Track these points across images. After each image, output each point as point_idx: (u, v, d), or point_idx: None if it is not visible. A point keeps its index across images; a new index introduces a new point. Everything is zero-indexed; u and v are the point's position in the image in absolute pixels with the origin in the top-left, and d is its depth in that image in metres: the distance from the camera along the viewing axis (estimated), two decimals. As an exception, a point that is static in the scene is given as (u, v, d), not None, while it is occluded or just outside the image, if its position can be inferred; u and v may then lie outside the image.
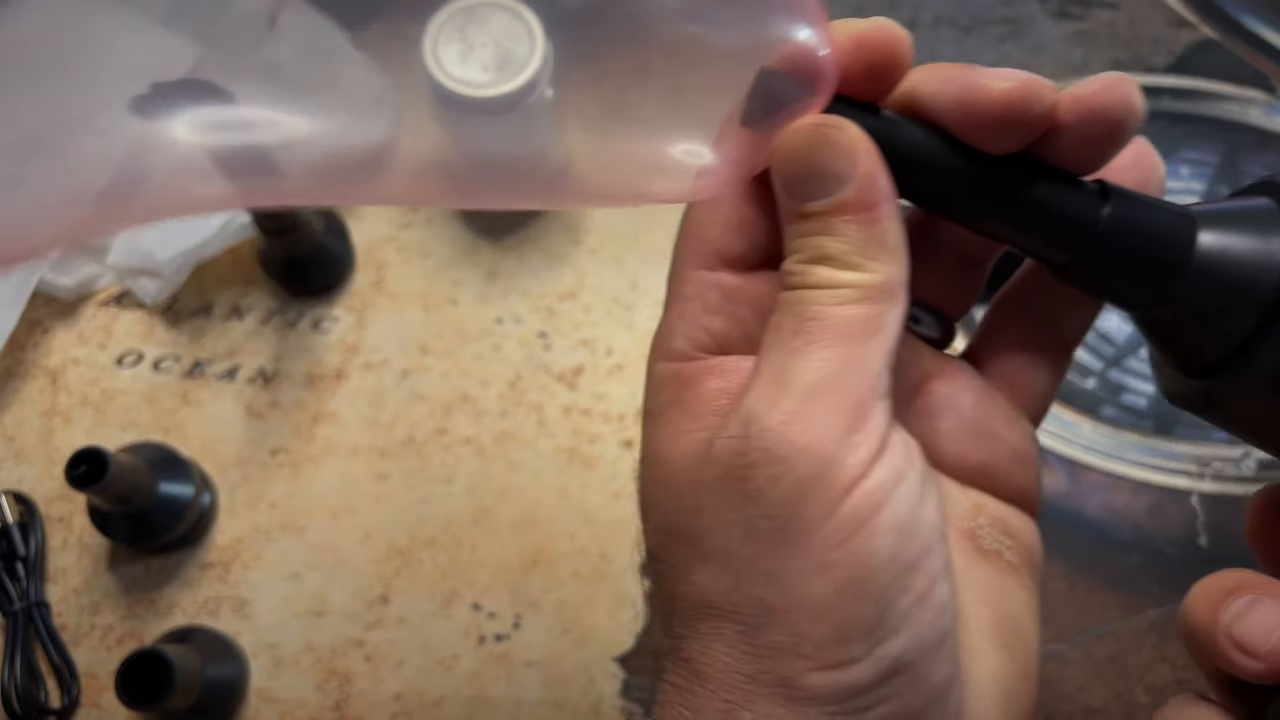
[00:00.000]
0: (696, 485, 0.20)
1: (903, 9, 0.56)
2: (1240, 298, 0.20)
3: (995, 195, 0.20)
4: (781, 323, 0.20)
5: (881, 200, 0.20)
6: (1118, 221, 0.20)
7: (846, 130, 0.20)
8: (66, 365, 0.49)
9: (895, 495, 0.19)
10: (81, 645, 0.44)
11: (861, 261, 0.20)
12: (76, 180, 0.49)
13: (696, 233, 0.23)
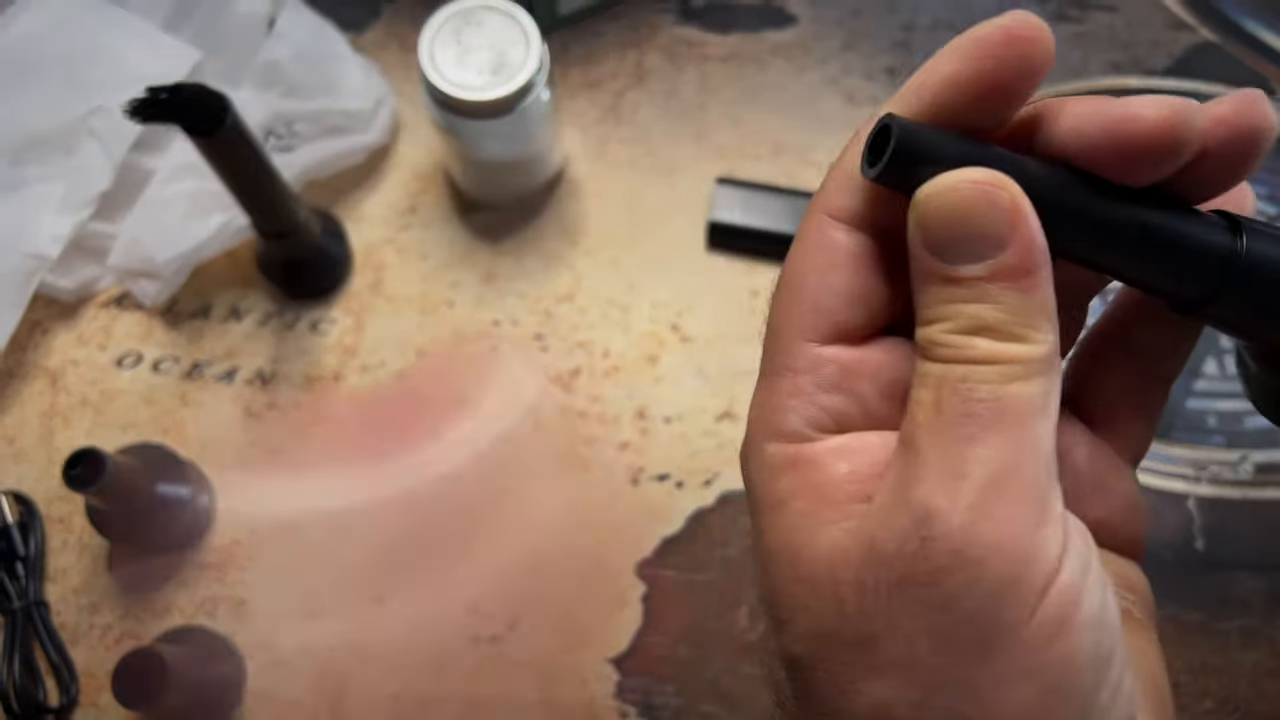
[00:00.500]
0: (861, 588, 0.18)
1: (900, 11, 0.56)
2: None
3: (1133, 232, 0.19)
4: (941, 403, 0.18)
5: (1041, 264, 0.18)
6: (1256, 252, 0.19)
7: (1009, 189, 0.18)
8: (66, 366, 0.49)
9: (1087, 587, 0.18)
10: (80, 644, 0.45)
11: (1024, 332, 0.18)
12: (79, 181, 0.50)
13: (811, 301, 0.20)
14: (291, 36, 0.50)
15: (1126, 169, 0.19)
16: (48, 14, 0.49)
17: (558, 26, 0.55)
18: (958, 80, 0.19)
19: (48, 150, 0.48)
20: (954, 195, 0.18)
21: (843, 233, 0.20)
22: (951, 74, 0.19)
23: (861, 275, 0.20)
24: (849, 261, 0.20)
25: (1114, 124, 0.18)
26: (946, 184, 0.18)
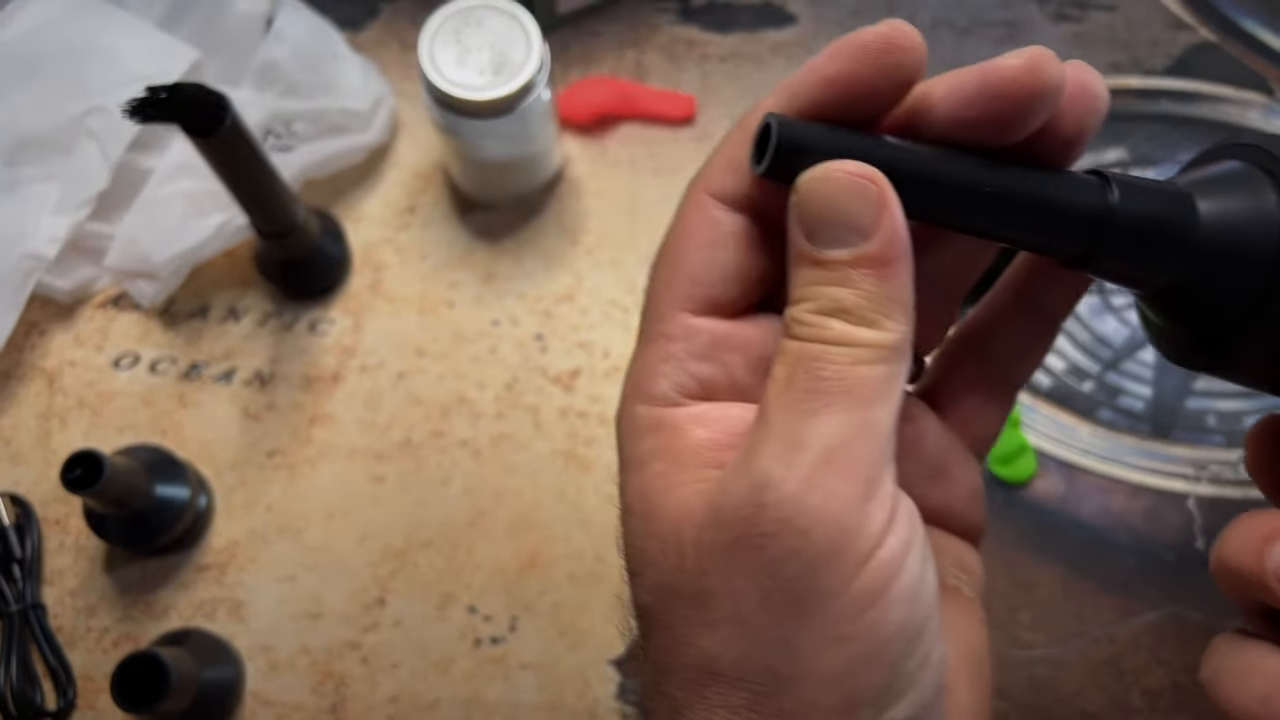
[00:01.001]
0: (700, 546, 0.20)
1: (900, 10, 0.56)
2: (1247, 259, 0.21)
3: (1017, 198, 0.20)
4: (792, 379, 0.20)
5: (901, 255, 0.19)
6: (1127, 205, 0.20)
7: (878, 182, 0.19)
8: (63, 367, 0.49)
9: (906, 564, 0.19)
10: (77, 647, 0.44)
11: (877, 318, 0.19)
12: (76, 181, 0.49)
13: (689, 274, 0.21)
14: (290, 36, 0.50)
15: (997, 123, 0.20)
16: (45, 13, 0.49)
17: (557, 26, 0.55)
18: (834, 81, 0.20)
19: (44, 150, 0.48)
20: (827, 184, 0.19)
21: (723, 212, 0.21)
22: (828, 75, 0.20)
23: (738, 253, 0.21)
24: (727, 239, 0.21)
25: (982, 73, 0.19)
26: (822, 173, 0.19)
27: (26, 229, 0.46)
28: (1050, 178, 0.21)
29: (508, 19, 0.44)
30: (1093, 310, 0.50)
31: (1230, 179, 0.22)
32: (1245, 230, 0.21)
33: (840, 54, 0.20)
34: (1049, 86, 0.19)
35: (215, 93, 0.37)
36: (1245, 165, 0.22)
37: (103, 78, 0.48)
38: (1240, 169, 0.22)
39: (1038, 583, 0.46)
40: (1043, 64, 0.19)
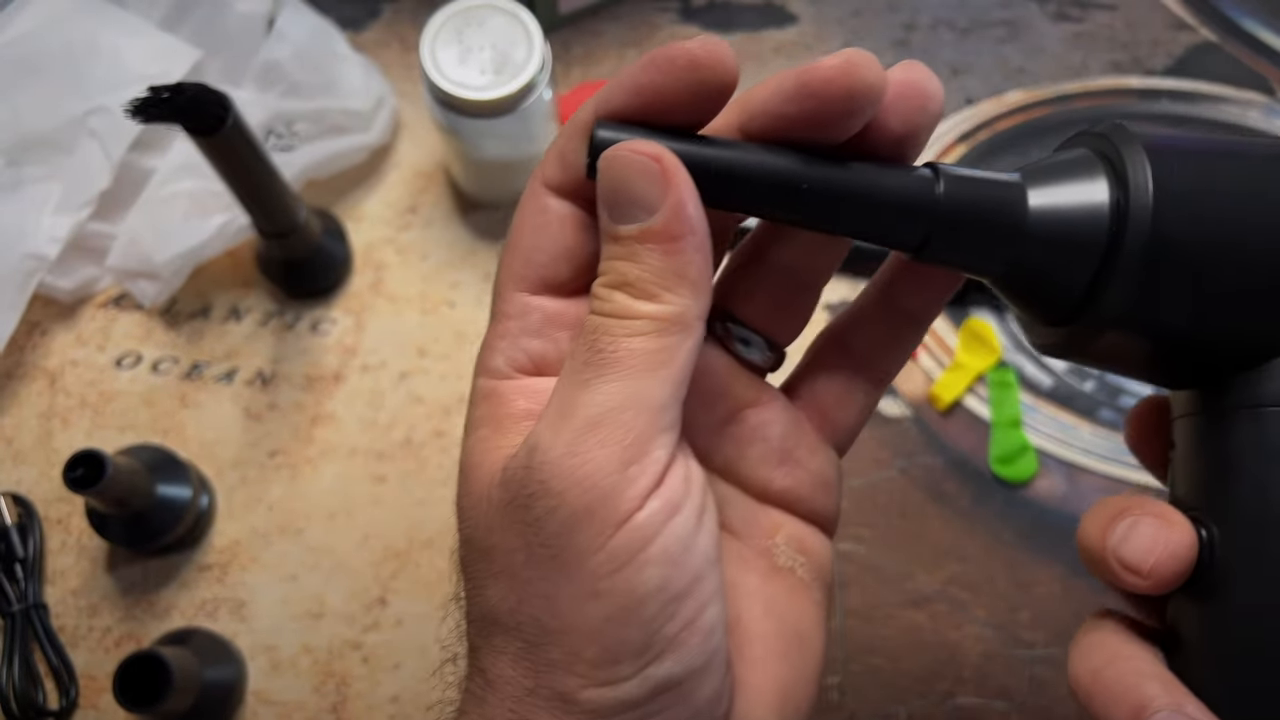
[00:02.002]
0: (490, 504, 0.21)
1: (901, 11, 0.56)
2: (1078, 247, 0.21)
3: (840, 192, 0.21)
4: (575, 351, 0.21)
5: (686, 232, 0.20)
6: (953, 197, 0.21)
7: (662, 159, 0.20)
8: (65, 367, 0.49)
9: (667, 529, 0.20)
10: (80, 647, 0.44)
11: (658, 291, 0.20)
12: (78, 181, 0.50)
13: (523, 256, 0.23)
14: (291, 36, 0.50)
15: (822, 118, 0.21)
16: (46, 13, 0.49)
17: (559, 26, 0.55)
18: (643, 90, 0.21)
19: (46, 150, 0.48)
20: (616, 163, 0.20)
21: (554, 200, 0.23)
22: (639, 84, 0.21)
23: (568, 236, 0.23)
24: (558, 224, 0.23)
25: (800, 74, 0.20)
26: (612, 153, 0.20)
27: (28, 229, 0.46)
28: (879, 171, 0.21)
29: (509, 19, 0.44)
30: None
31: (1066, 166, 0.22)
32: (1075, 217, 0.21)
33: (650, 65, 0.21)
34: (864, 86, 0.20)
35: (217, 92, 0.37)
36: (1084, 152, 0.22)
37: (104, 78, 0.48)
38: (1078, 156, 0.22)
39: (1038, 582, 0.46)
40: (858, 65, 0.20)
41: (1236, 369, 0.22)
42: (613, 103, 0.21)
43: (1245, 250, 0.21)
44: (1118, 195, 0.21)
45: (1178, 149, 0.21)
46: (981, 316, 0.50)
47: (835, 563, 0.26)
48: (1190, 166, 0.21)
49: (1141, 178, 0.21)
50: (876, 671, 0.44)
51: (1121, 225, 0.21)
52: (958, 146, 0.53)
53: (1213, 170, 0.21)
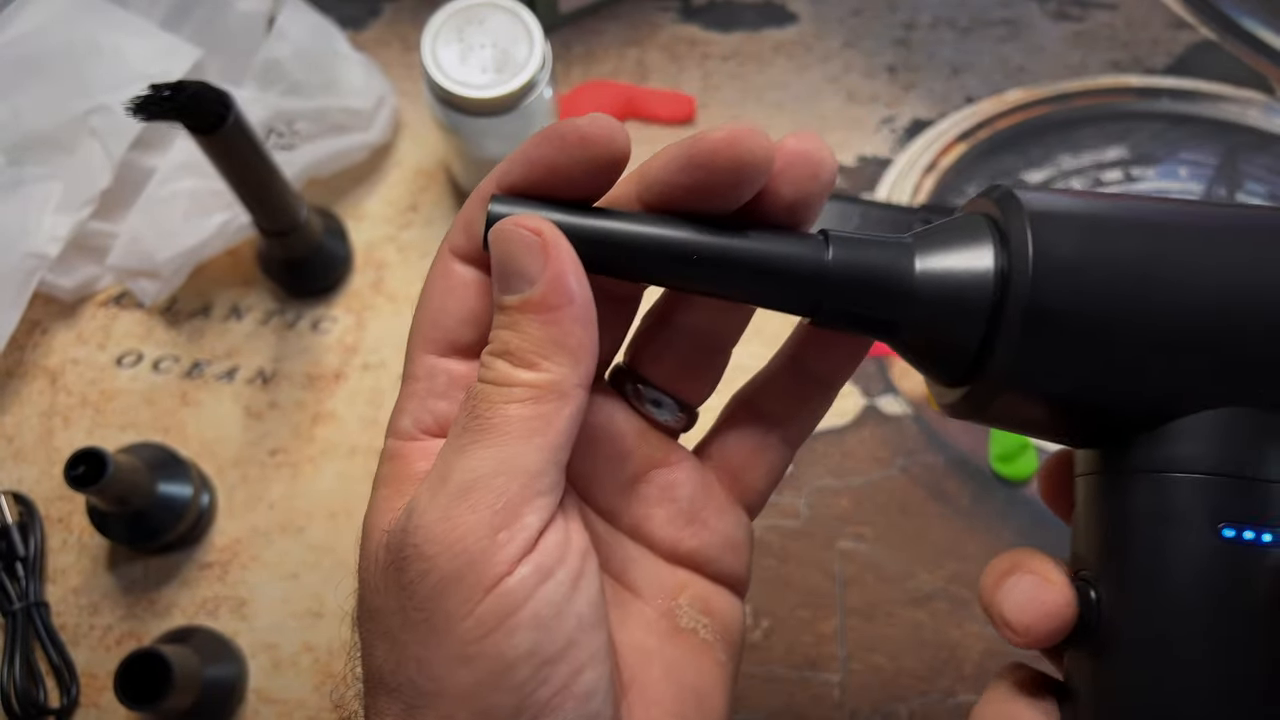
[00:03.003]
0: (377, 564, 0.22)
1: (901, 10, 0.56)
2: (964, 312, 0.22)
3: (732, 260, 0.22)
4: (458, 418, 0.22)
5: (564, 303, 0.21)
6: (842, 262, 0.22)
7: (542, 232, 0.21)
8: (66, 366, 0.49)
9: (539, 593, 0.21)
10: (81, 645, 0.44)
11: (536, 360, 0.21)
12: (78, 180, 0.50)
13: (431, 319, 0.24)
14: (292, 35, 0.50)
15: (711, 188, 0.21)
16: (47, 12, 0.49)
17: (559, 24, 0.55)
18: (536, 164, 0.22)
19: (47, 149, 0.48)
20: (503, 235, 0.21)
21: (460, 266, 0.24)
22: (532, 159, 0.22)
23: (473, 301, 0.23)
24: (463, 289, 0.23)
25: (689, 145, 0.21)
26: (498, 228, 0.21)
27: (29, 227, 0.47)
28: (770, 239, 0.22)
29: (510, 17, 0.44)
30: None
31: (956, 232, 0.22)
32: (961, 283, 0.22)
33: (544, 141, 0.22)
34: (750, 158, 0.21)
35: (219, 91, 0.37)
36: (976, 217, 0.23)
37: (105, 77, 0.48)
38: (969, 221, 0.23)
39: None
40: (742, 138, 0.21)
41: (1134, 431, 0.22)
42: (511, 176, 0.22)
43: (1130, 319, 0.21)
44: (1002, 262, 0.22)
45: (1065, 217, 0.22)
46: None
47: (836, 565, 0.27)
48: (1075, 236, 0.21)
49: (1023, 247, 0.21)
50: (877, 670, 0.44)
51: (1004, 292, 0.21)
52: (958, 145, 0.53)
53: (1098, 240, 0.21)
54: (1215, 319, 0.21)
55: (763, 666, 0.44)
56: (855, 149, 0.53)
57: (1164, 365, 0.21)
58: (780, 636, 0.44)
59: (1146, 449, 0.22)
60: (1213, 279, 0.21)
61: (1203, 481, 0.22)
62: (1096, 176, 0.52)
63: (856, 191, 0.52)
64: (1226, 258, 0.22)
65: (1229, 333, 0.21)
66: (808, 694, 0.43)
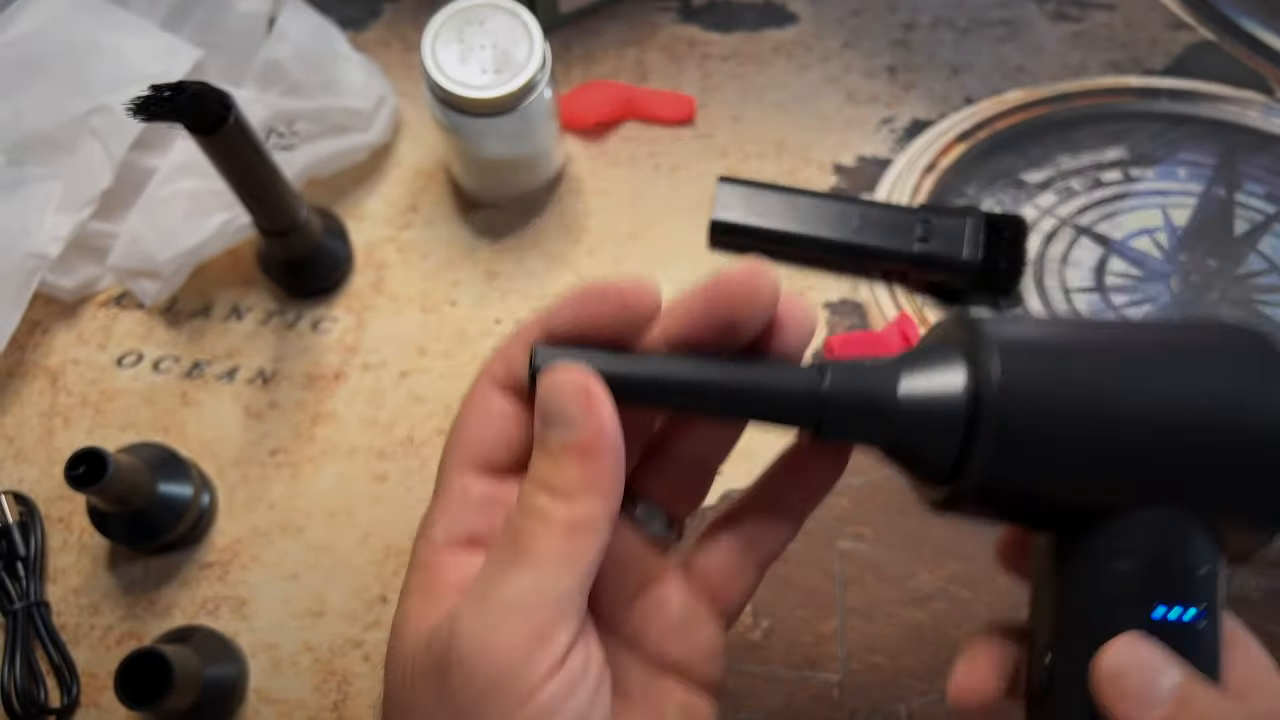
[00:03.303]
0: (414, 666, 0.24)
1: (901, 10, 0.56)
2: (942, 430, 0.26)
3: (746, 394, 0.26)
4: (500, 541, 0.25)
5: (604, 450, 0.24)
6: (835, 390, 0.26)
7: (589, 386, 0.24)
8: (66, 366, 0.49)
9: (566, 706, 0.23)
10: (81, 645, 0.44)
11: (574, 497, 0.24)
12: (79, 180, 0.50)
13: (467, 442, 0.27)
14: (292, 35, 0.50)
15: (726, 327, 0.25)
16: (48, 13, 0.49)
17: (559, 25, 0.55)
18: (580, 321, 0.26)
19: (48, 149, 0.48)
20: (552, 385, 0.24)
21: (498, 394, 0.27)
22: (576, 317, 0.26)
23: (508, 428, 0.27)
24: (500, 418, 0.27)
25: (713, 280, 0.25)
26: (549, 377, 0.24)
27: (30, 228, 0.47)
28: (776, 371, 0.26)
29: (510, 18, 0.44)
30: (1093, 309, 0.50)
31: (935, 358, 0.27)
32: (938, 405, 0.26)
33: (586, 298, 0.26)
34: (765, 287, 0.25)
35: (219, 91, 0.37)
36: (950, 346, 0.27)
37: (106, 77, 0.48)
38: (945, 350, 0.27)
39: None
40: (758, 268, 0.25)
41: (1084, 522, 0.26)
42: (555, 325, 0.26)
43: (1080, 434, 0.25)
44: (974, 387, 0.25)
45: (1026, 346, 0.26)
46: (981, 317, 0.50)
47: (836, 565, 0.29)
48: (1036, 364, 0.26)
49: (992, 375, 0.25)
50: (877, 669, 0.44)
51: (976, 414, 0.25)
52: (957, 146, 0.53)
53: (1054, 367, 0.26)
54: (1152, 433, 0.25)
55: (763, 666, 0.44)
56: (855, 149, 0.53)
57: (1108, 471, 0.26)
58: (780, 636, 0.44)
59: (1093, 539, 0.26)
60: (1149, 400, 0.26)
61: (1138, 570, 0.26)
62: (1096, 177, 0.52)
63: (856, 192, 0.52)
64: (1160, 381, 0.26)
65: (1162, 445, 0.25)
66: (807, 693, 0.43)
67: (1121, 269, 0.51)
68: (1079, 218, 0.52)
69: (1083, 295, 0.50)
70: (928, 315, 0.50)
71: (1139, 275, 0.51)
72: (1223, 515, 0.26)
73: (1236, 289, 0.50)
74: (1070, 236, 0.51)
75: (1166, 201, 0.52)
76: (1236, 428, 0.26)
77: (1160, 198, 0.52)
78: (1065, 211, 0.52)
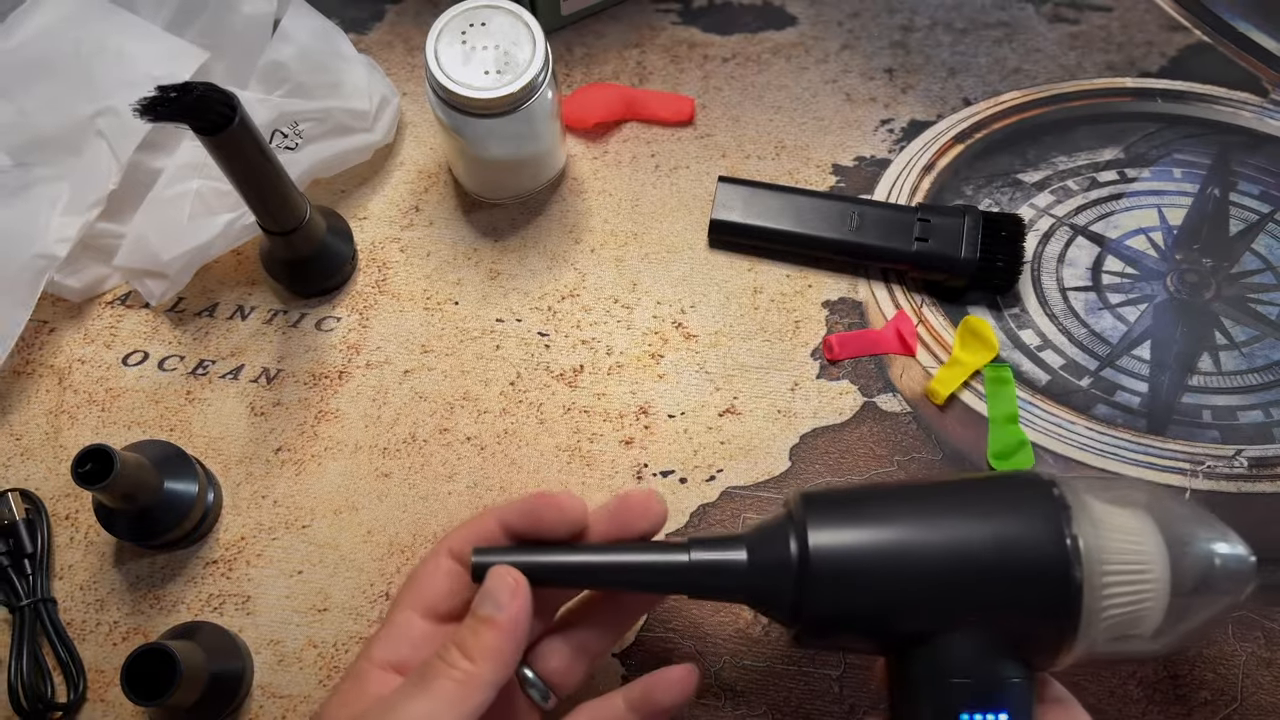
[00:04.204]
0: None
1: (899, 12, 0.57)
2: (780, 585, 0.34)
3: (635, 572, 0.35)
4: (417, 672, 0.32)
5: (513, 632, 0.33)
6: (697, 560, 0.35)
7: (521, 585, 0.33)
8: (73, 364, 0.49)
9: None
10: (88, 641, 0.45)
11: (476, 656, 0.32)
12: (86, 181, 0.50)
13: (418, 589, 0.36)
14: (296, 37, 0.50)
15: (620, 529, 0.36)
16: (55, 15, 0.49)
17: (561, 27, 0.56)
18: (516, 528, 0.35)
19: (55, 151, 0.49)
20: (498, 576, 0.34)
21: (449, 560, 0.36)
22: (527, 519, 0.35)
23: (452, 585, 0.36)
24: (447, 575, 0.36)
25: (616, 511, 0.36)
26: (499, 572, 0.34)
27: (37, 229, 0.47)
28: (647, 550, 0.35)
29: (512, 19, 0.45)
30: (1089, 308, 0.50)
31: (772, 529, 0.35)
32: (774, 569, 0.34)
33: (534, 507, 0.35)
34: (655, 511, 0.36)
35: (224, 92, 0.37)
36: (784, 519, 0.35)
37: (112, 79, 0.48)
38: (781, 522, 0.35)
39: None
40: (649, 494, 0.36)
41: (905, 650, 0.34)
42: (509, 518, 0.35)
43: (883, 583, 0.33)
44: (799, 554, 0.33)
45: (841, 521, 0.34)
46: (979, 314, 0.50)
47: None
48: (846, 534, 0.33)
49: (812, 545, 0.33)
50: (876, 665, 0.45)
51: (802, 573, 0.33)
52: (955, 146, 0.54)
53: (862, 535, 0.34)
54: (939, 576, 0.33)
55: (763, 661, 0.44)
56: (853, 150, 0.54)
57: (907, 608, 0.33)
58: (779, 632, 0.45)
59: (914, 661, 0.33)
60: (935, 550, 0.33)
61: (951, 684, 0.33)
62: (1092, 177, 0.53)
63: (855, 192, 0.53)
64: (946, 535, 0.33)
65: (948, 585, 0.33)
66: (807, 688, 0.44)
67: (1118, 268, 0.51)
68: (1075, 217, 0.52)
69: (1079, 294, 0.51)
70: (926, 315, 0.50)
71: (1135, 274, 0.51)
72: (1014, 637, 0.33)
73: (1231, 288, 0.51)
74: (1067, 236, 0.52)
75: (1162, 201, 0.52)
76: (1001, 567, 0.32)
77: (1156, 197, 0.53)
78: (1062, 211, 0.52)
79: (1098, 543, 0.32)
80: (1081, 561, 0.32)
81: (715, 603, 0.45)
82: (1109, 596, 0.32)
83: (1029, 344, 0.50)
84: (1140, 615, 0.33)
